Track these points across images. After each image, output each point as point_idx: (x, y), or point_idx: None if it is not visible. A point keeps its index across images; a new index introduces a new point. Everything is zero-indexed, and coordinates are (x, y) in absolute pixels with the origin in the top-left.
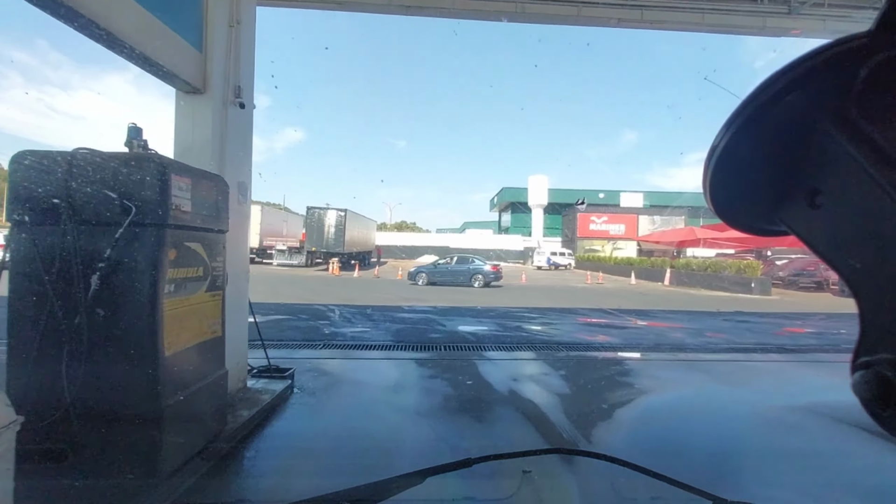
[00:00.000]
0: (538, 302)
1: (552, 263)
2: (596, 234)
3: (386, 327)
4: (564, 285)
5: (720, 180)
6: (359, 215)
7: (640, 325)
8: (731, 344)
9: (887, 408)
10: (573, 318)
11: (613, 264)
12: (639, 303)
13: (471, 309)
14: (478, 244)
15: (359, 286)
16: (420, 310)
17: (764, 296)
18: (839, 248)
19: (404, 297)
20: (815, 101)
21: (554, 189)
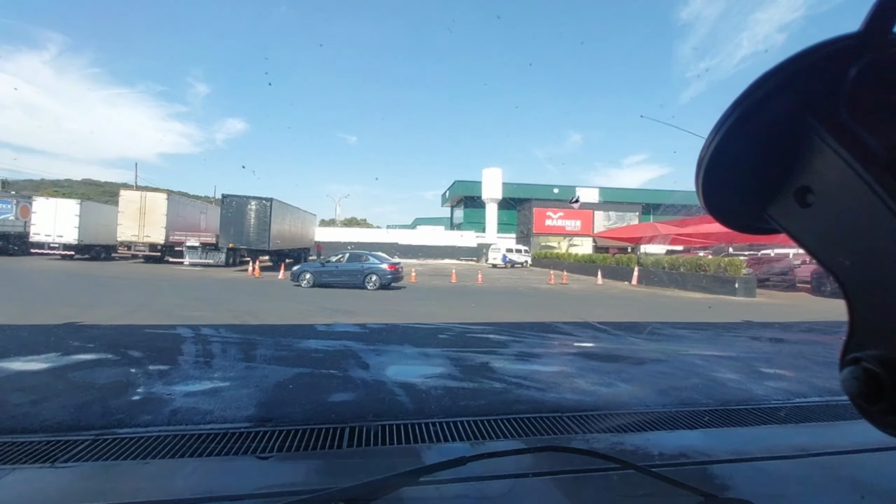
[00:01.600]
0: (503, 313)
1: (508, 261)
2: (552, 230)
3: (262, 376)
4: (527, 287)
5: (712, 180)
6: (290, 206)
7: (662, 356)
8: (832, 395)
9: (875, 403)
10: (560, 344)
11: (574, 262)
12: (620, 311)
13: (413, 329)
14: (429, 241)
15: (273, 292)
16: (339, 331)
17: (749, 297)
18: (829, 246)
19: (327, 309)
20: (805, 101)
21: (508, 183)
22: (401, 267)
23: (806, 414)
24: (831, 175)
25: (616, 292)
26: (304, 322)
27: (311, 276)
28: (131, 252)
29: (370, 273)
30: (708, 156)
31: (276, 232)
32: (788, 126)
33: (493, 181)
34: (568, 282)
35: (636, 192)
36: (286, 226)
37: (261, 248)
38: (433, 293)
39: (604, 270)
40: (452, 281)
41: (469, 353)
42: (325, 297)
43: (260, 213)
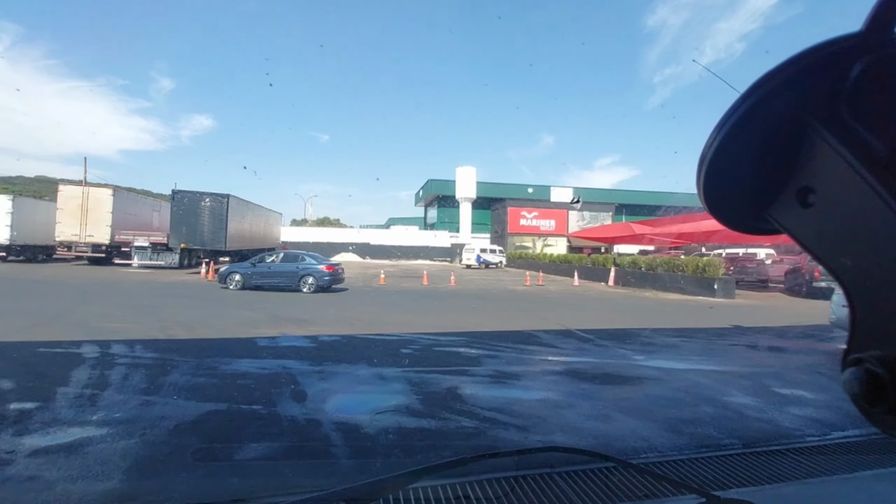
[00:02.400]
0: (477, 320)
1: (483, 261)
2: (527, 229)
3: (158, 418)
4: (502, 289)
5: (713, 180)
6: (251, 204)
7: (659, 373)
8: None
9: (877, 404)
10: (542, 360)
11: (549, 262)
12: (602, 316)
13: (373, 342)
14: (402, 241)
15: (222, 298)
16: (283, 347)
17: (728, 299)
18: (830, 247)
19: (279, 318)
20: (807, 101)
21: (482, 182)
22: (340, 268)
23: (857, 456)
24: (833, 175)
25: (594, 294)
26: (246, 335)
27: (240, 278)
28: (74, 253)
29: (306, 275)
30: (709, 156)
31: (235, 231)
32: (790, 126)
33: (466, 180)
34: (544, 283)
35: (609, 192)
36: (246, 225)
37: (216, 248)
38: (402, 297)
39: (580, 271)
40: (424, 283)
41: (435, 375)
42: (281, 303)
43: (215, 211)
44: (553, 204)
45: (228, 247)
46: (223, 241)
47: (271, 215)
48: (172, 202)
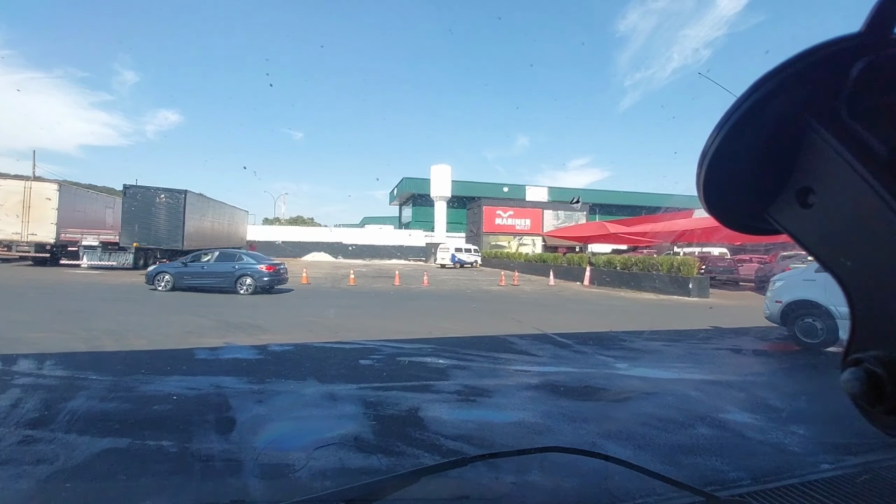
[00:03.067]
0: (448, 324)
1: (458, 261)
2: (502, 228)
3: (34, 462)
4: (477, 289)
5: (713, 180)
6: (212, 200)
7: (647, 386)
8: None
9: (877, 404)
10: (517, 372)
11: (524, 262)
12: (579, 317)
13: (330, 352)
14: (376, 240)
15: (169, 302)
16: (224, 360)
17: (703, 298)
18: (830, 247)
19: (230, 324)
20: (806, 101)
21: (458, 181)
22: (282, 268)
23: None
24: (832, 175)
25: (570, 294)
26: (184, 345)
27: (169, 278)
28: (17, 253)
29: (243, 275)
30: (709, 156)
31: (194, 229)
32: (790, 126)
33: (441, 178)
34: (519, 283)
35: (583, 192)
36: (207, 223)
37: (173, 247)
38: (370, 299)
39: (555, 271)
40: (395, 284)
41: (395, 393)
42: (237, 307)
43: (172, 208)
44: (528, 203)
45: (187, 246)
46: (180, 239)
47: (236, 213)
48: (124, 198)
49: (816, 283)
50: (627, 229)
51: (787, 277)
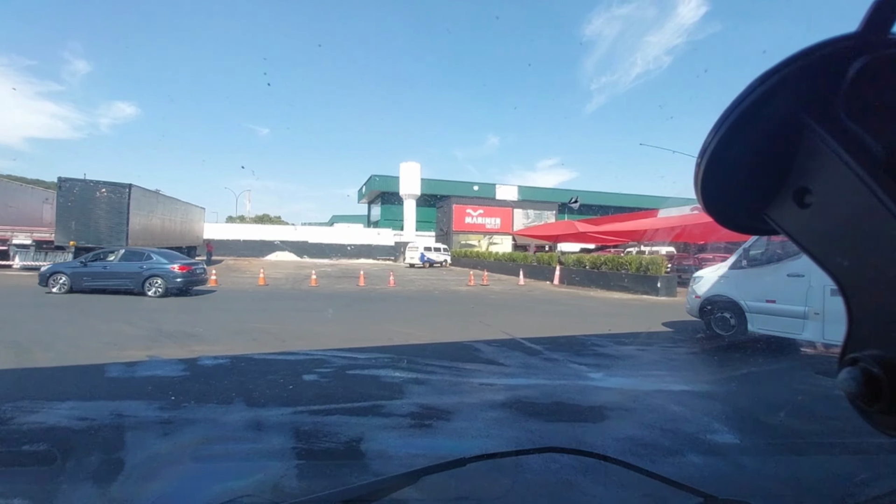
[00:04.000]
0: (411, 329)
1: (427, 260)
2: (472, 227)
3: None
4: (445, 290)
5: (711, 180)
6: (162, 196)
7: (623, 398)
8: None
9: (874, 403)
10: (481, 387)
11: (494, 261)
12: (549, 320)
13: (271, 364)
14: (344, 239)
15: (102, 307)
16: (140, 377)
17: (671, 297)
18: (827, 247)
19: (163, 333)
20: (804, 101)
21: (427, 179)
22: (199, 268)
23: None
24: (830, 176)
25: (539, 294)
26: (99, 359)
27: (66, 279)
28: None
29: (153, 275)
30: (707, 157)
31: (141, 227)
32: (787, 126)
33: (410, 176)
34: (489, 283)
35: (553, 191)
36: (157, 220)
37: (116, 245)
38: (330, 302)
39: (525, 270)
40: (360, 284)
41: (336, 418)
42: (178, 313)
43: (114, 203)
44: (498, 202)
45: (132, 244)
46: (124, 237)
47: (191, 210)
48: (59, 192)
49: (729, 279)
50: (596, 228)
51: (705, 274)
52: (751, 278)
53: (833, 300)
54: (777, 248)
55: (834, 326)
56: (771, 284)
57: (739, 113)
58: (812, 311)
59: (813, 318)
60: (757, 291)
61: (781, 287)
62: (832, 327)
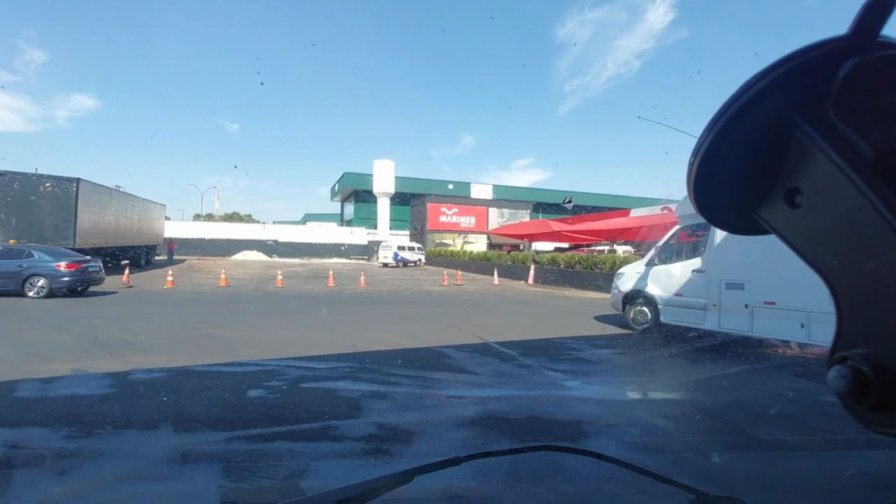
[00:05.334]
0: (378, 334)
1: (400, 260)
2: (446, 226)
3: None
4: (417, 290)
5: (703, 181)
6: (116, 192)
7: (604, 412)
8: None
9: (862, 401)
10: (448, 401)
11: (469, 260)
12: (524, 321)
13: (214, 378)
14: (316, 238)
15: (34, 312)
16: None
17: None
18: (817, 247)
19: (99, 341)
20: (794, 102)
21: (401, 178)
22: (92, 266)
23: None
24: (820, 176)
25: (514, 294)
26: (13, 374)
27: None
28: None
29: (34, 274)
30: (699, 157)
31: (91, 224)
32: (778, 127)
33: (384, 174)
34: (463, 283)
35: (527, 190)
36: (109, 217)
37: (63, 245)
38: (295, 303)
39: (500, 269)
40: (329, 285)
41: (278, 445)
42: (123, 316)
43: (60, 199)
44: (473, 200)
45: (80, 243)
46: (71, 236)
47: (150, 207)
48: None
49: (645, 275)
50: (569, 227)
51: (626, 271)
52: (662, 274)
53: (728, 293)
54: (684, 247)
55: (728, 316)
56: (678, 279)
57: (731, 114)
58: (711, 303)
59: (711, 309)
60: (667, 286)
61: (687, 282)
62: (727, 317)
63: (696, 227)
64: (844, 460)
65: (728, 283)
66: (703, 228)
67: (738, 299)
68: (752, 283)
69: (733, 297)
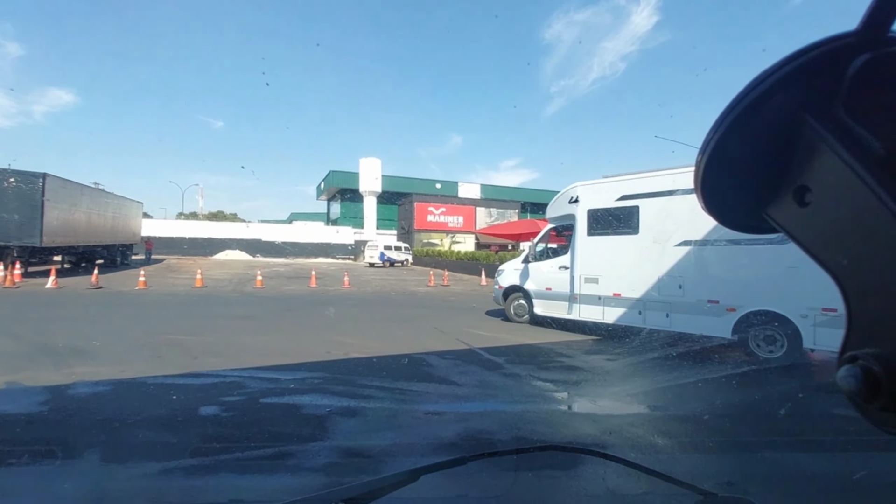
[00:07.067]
0: (355, 339)
1: (387, 259)
2: (434, 226)
3: None
4: (402, 291)
5: (710, 179)
6: (89, 188)
7: (599, 430)
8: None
9: (872, 401)
10: (426, 418)
11: (456, 260)
12: (513, 324)
13: (167, 390)
14: (301, 237)
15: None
16: None
17: None
18: (827, 246)
19: (46, 348)
20: (803, 99)
21: (388, 176)
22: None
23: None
24: (829, 174)
25: None
26: None
27: None
28: None
29: None
30: (706, 155)
31: (59, 221)
32: (786, 125)
33: (371, 172)
34: (449, 283)
35: (515, 190)
36: (80, 214)
37: (28, 243)
38: (271, 305)
39: (487, 269)
40: (311, 285)
41: (219, 479)
42: (82, 319)
43: (25, 195)
44: (461, 200)
45: (48, 241)
46: (38, 233)
47: (125, 204)
48: None
49: (521, 271)
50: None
51: (506, 268)
52: (535, 270)
53: (586, 286)
54: (554, 245)
55: (586, 307)
56: (549, 275)
57: (739, 111)
58: (574, 296)
59: (575, 300)
60: (540, 281)
61: (555, 277)
62: (586, 307)
63: (563, 228)
64: (854, 461)
65: (587, 277)
66: (569, 229)
67: (594, 291)
68: (604, 276)
69: (590, 289)
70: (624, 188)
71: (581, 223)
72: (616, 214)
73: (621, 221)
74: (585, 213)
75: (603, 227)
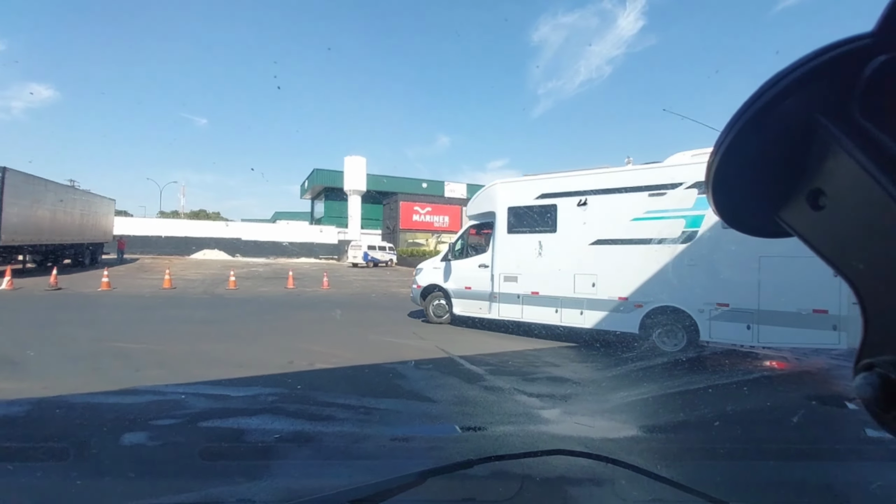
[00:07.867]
0: (325, 347)
1: (370, 259)
2: (420, 225)
3: None
4: (384, 292)
5: (722, 182)
6: (53, 184)
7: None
8: None
9: (891, 409)
10: (396, 446)
11: None
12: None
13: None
14: (283, 236)
15: None
16: None
17: None
18: (842, 250)
19: None
20: (818, 101)
21: (373, 175)
22: None
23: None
24: (844, 177)
25: None
26: None
27: None
28: None
29: None
30: (718, 158)
31: (19, 218)
32: (801, 127)
33: (356, 171)
34: None
35: None
36: (45, 211)
37: None
38: (240, 308)
39: None
40: (288, 286)
41: None
42: (22, 324)
43: None
44: (447, 199)
45: (7, 239)
46: None
47: (95, 202)
48: None
49: (440, 270)
50: None
51: (424, 267)
52: (455, 269)
53: (505, 285)
54: (474, 244)
55: (506, 305)
56: (468, 273)
57: (752, 114)
58: (493, 294)
59: (494, 299)
60: (459, 279)
61: (475, 275)
62: (505, 306)
63: (482, 226)
64: (869, 470)
65: (506, 275)
66: (488, 227)
67: (513, 290)
68: (523, 275)
69: (509, 287)
70: (543, 187)
71: (501, 221)
72: (535, 213)
73: (540, 220)
74: (506, 211)
75: (522, 225)
